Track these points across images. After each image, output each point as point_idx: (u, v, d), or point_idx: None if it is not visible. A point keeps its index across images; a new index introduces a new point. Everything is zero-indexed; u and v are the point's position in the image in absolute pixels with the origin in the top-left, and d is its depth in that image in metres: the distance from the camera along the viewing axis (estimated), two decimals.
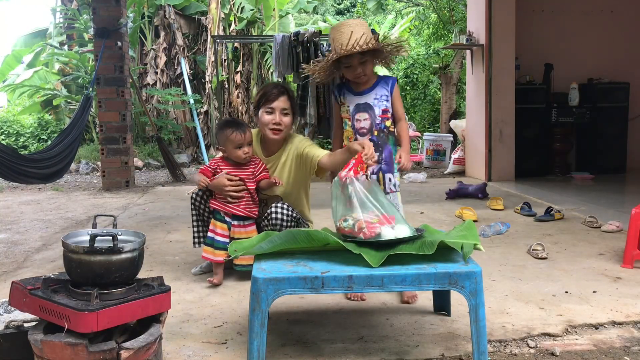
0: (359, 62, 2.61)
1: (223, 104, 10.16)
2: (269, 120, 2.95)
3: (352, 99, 2.73)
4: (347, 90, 2.76)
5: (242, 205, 2.99)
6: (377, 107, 2.69)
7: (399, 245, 2.04)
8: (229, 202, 2.98)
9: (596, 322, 2.38)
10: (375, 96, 2.69)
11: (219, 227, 3.00)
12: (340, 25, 2.63)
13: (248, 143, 2.97)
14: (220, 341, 2.25)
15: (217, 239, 2.98)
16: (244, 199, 2.99)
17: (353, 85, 2.74)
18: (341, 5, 19.23)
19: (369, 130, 2.68)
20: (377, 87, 2.71)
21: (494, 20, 6.58)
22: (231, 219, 2.99)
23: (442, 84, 10.19)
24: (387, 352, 2.12)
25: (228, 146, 2.97)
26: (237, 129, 2.94)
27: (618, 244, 3.60)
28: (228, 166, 3.01)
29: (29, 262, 3.55)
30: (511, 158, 6.76)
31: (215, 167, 3.02)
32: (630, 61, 7.22)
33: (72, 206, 5.67)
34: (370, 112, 2.69)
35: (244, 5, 10.43)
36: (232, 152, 2.97)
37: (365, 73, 2.65)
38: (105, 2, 6.56)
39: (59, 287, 1.88)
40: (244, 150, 2.95)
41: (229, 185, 2.95)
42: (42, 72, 10.79)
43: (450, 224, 4.27)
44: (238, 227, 2.99)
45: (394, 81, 2.75)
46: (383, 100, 2.69)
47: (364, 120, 2.70)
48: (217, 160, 3.06)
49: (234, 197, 2.97)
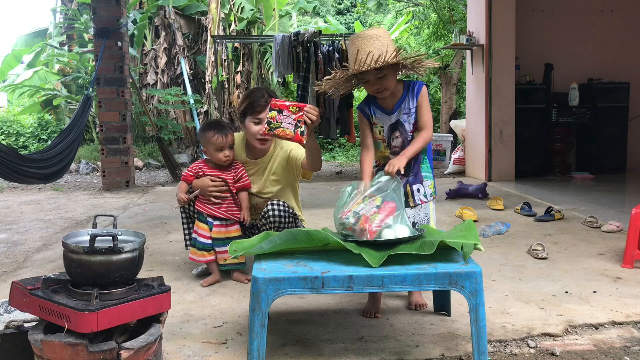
0: (375, 77, 2.39)
1: (223, 104, 10.16)
2: (256, 130, 2.94)
3: (384, 119, 2.53)
4: (377, 109, 2.54)
5: (223, 207, 3.01)
6: (407, 123, 2.49)
7: (399, 245, 2.04)
8: (212, 203, 3.00)
9: (596, 322, 2.38)
10: (404, 111, 2.49)
11: (201, 227, 3.03)
12: (356, 38, 2.41)
13: (229, 146, 2.98)
14: (220, 341, 2.25)
15: (199, 240, 3.02)
16: (226, 201, 3.01)
17: (381, 102, 2.53)
18: (341, 5, 19.22)
19: (401, 148, 2.49)
20: (405, 100, 2.49)
21: (494, 20, 6.58)
22: (212, 219, 3.01)
23: (442, 84, 10.18)
24: (387, 352, 2.12)
25: (209, 148, 2.99)
26: (219, 132, 2.95)
27: (618, 244, 3.60)
28: (210, 169, 3.03)
29: (29, 262, 3.55)
30: (511, 158, 6.77)
31: (198, 170, 3.04)
32: (630, 61, 7.22)
33: (72, 206, 5.67)
34: (401, 129, 2.51)
35: (244, 5, 10.43)
36: (212, 154, 2.99)
37: (385, 87, 2.42)
38: (105, 2, 6.56)
39: (59, 287, 1.88)
40: (224, 154, 2.97)
41: (212, 185, 2.97)
42: (42, 72, 10.79)
43: (450, 224, 4.27)
44: (219, 226, 3.01)
45: (419, 87, 2.49)
46: (412, 114, 2.48)
47: (395, 138, 2.53)
48: (200, 163, 3.09)
49: (217, 197, 2.99)
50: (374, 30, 2.42)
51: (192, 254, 3.03)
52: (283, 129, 2.44)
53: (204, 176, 3.01)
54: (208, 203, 3.01)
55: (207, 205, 3.01)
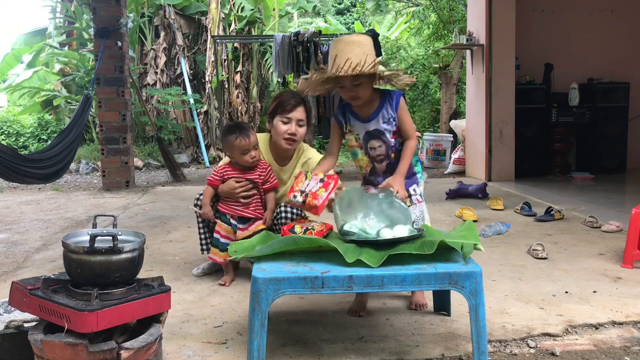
0: (352, 84, 2.37)
1: (223, 104, 10.16)
2: (284, 130, 2.92)
3: (360, 127, 2.52)
4: (353, 117, 2.54)
5: (251, 207, 2.99)
6: (388, 132, 2.49)
7: (399, 245, 2.04)
8: (239, 204, 2.97)
9: (596, 322, 2.38)
10: (384, 119, 2.48)
11: (224, 229, 2.99)
12: (338, 42, 2.40)
13: (254, 147, 2.93)
14: (220, 341, 2.25)
15: (221, 241, 2.99)
16: (253, 201, 2.99)
17: (357, 110, 2.52)
18: (341, 5, 19.21)
19: (386, 155, 2.51)
20: (383, 109, 2.48)
21: (494, 20, 6.57)
22: (237, 221, 2.99)
23: (442, 84, 10.18)
24: (387, 352, 2.12)
25: (235, 153, 2.93)
26: (241, 135, 2.89)
27: (618, 244, 3.60)
28: (235, 171, 2.98)
29: (29, 262, 3.55)
30: (511, 158, 6.77)
31: (223, 173, 3.00)
32: (630, 61, 7.22)
33: (72, 206, 5.67)
34: (383, 137, 2.49)
35: (244, 5, 10.43)
36: (239, 158, 2.94)
37: (358, 96, 2.41)
38: (105, 2, 6.56)
39: (59, 287, 1.88)
40: (250, 155, 2.92)
41: (238, 187, 2.94)
42: (42, 72, 10.79)
43: (450, 224, 4.27)
44: (243, 229, 2.98)
45: (398, 97, 2.49)
46: (392, 122, 2.48)
47: (378, 147, 2.51)
48: (225, 166, 3.03)
49: (245, 198, 2.96)
50: (357, 37, 2.42)
51: (213, 254, 3.01)
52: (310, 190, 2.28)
53: (229, 179, 2.97)
54: (234, 204, 2.98)
55: (233, 206, 2.98)
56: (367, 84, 2.41)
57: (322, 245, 2.08)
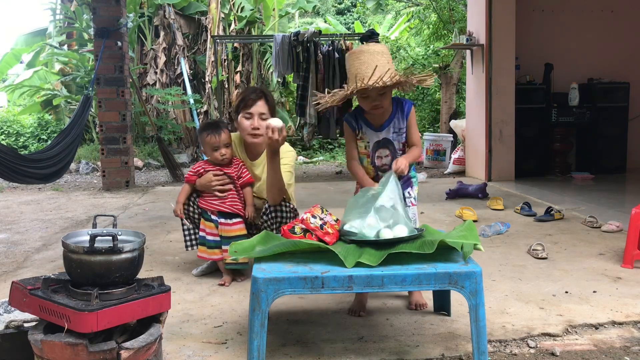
0: (377, 94, 2.39)
1: (223, 104, 10.16)
2: (247, 125, 2.97)
3: (371, 135, 2.53)
4: (365, 124, 2.54)
5: (227, 201, 3.02)
6: (397, 142, 2.52)
7: (399, 244, 2.04)
8: (216, 197, 3.01)
9: (596, 322, 2.39)
10: (394, 129, 2.50)
11: (208, 226, 3.04)
12: (361, 52, 2.39)
13: (225, 145, 3.00)
14: (220, 341, 2.25)
15: (208, 238, 3.03)
16: (229, 196, 3.03)
17: (369, 117, 2.53)
18: (342, 5, 19.21)
19: (390, 166, 2.49)
20: (395, 118, 2.51)
21: (494, 20, 6.57)
22: (217, 217, 3.02)
23: (442, 84, 10.18)
24: (387, 352, 2.12)
25: (206, 148, 3.03)
26: (212, 132, 2.97)
27: (618, 244, 3.60)
28: (212, 168, 3.05)
29: (29, 262, 3.55)
30: (511, 158, 6.76)
31: (200, 169, 3.06)
32: (630, 61, 7.21)
33: (72, 206, 5.67)
34: (390, 147, 2.52)
35: (244, 5, 10.43)
36: (210, 154, 3.03)
37: (382, 105, 2.43)
38: (105, 2, 6.56)
39: (59, 287, 1.88)
40: (220, 152, 2.99)
41: (215, 180, 2.99)
42: (42, 72, 10.79)
43: (450, 224, 4.27)
44: (224, 224, 3.01)
45: (409, 107, 2.51)
46: (402, 133, 2.51)
47: (385, 157, 2.54)
48: (202, 163, 3.11)
49: (221, 191, 3.00)
50: (378, 47, 2.42)
51: (202, 252, 3.05)
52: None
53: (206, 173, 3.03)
54: (211, 199, 3.02)
55: (211, 201, 3.02)
56: (389, 93, 2.44)
57: (323, 248, 2.08)
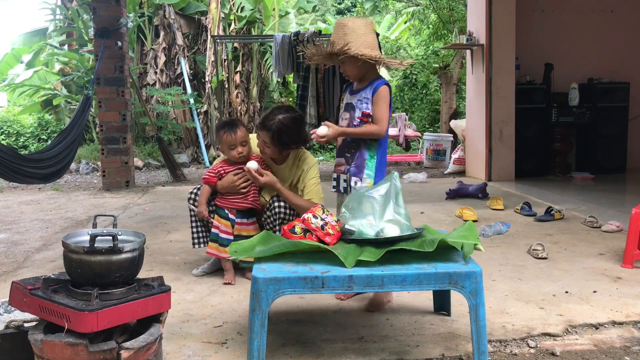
0: (341, 61, 2.62)
1: (223, 104, 10.16)
2: (234, 155, 2.99)
3: (347, 98, 2.75)
4: (349, 87, 2.77)
5: (250, 197, 3.02)
6: (358, 109, 2.64)
7: (400, 242, 2.04)
8: (239, 195, 2.99)
9: (596, 322, 2.39)
10: (359, 97, 2.65)
11: (223, 224, 3.01)
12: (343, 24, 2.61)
13: (241, 143, 2.97)
14: (220, 341, 2.25)
15: (221, 236, 3.00)
16: (251, 191, 3.02)
17: (355, 85, 2.74)
18: (342, 5, 19.21)
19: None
20: (366, 89, 2.65)
21: (494, 20, 6.57)
22: (235, 216, 3.00)
23: (442, 84, 10.19)
24: (387, 352, 2.12)
25: (223, 147, 3.01)
26: (229, 130, 2.95)
27: (618, 244, 3.60)
28: (230, 166, 3.02)
29: (29, 262, 3.55)
30: (511, 158, 6.76)
31: (219, 170, 3.02)
32: (630, 61, 7.21)
33: (72, 206, 5.67)
34: (351, 112, 2.68)
35: (244, 5, 10.42)
36: (227, 153, 3.01)
37: (346, 72, 2.68)
38: (105, 2, 6.56)
39: (59, 287, 1.88)
40: (237, 151, 2.97)
41: (237, 179, 2.97)
42: (42, 72, 10.78)
43: (450, 224, 4.27)
44: (241, 224, 3.00)
45: (378, 84, 2.63)
46: (364, 102, 2.63)
47: (344, 119, 2.71)
48: (220, 163, 3.07)
49: (245, 188, 2.99)
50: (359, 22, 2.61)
51: (212, 249, 3.02)
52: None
53: (226, 175, 3.00)
54: (233, 197, 3.00)
55: (232, 200, 3.00)
56: (349, 63, 2.60)
57: (323, 249, 2.08)
